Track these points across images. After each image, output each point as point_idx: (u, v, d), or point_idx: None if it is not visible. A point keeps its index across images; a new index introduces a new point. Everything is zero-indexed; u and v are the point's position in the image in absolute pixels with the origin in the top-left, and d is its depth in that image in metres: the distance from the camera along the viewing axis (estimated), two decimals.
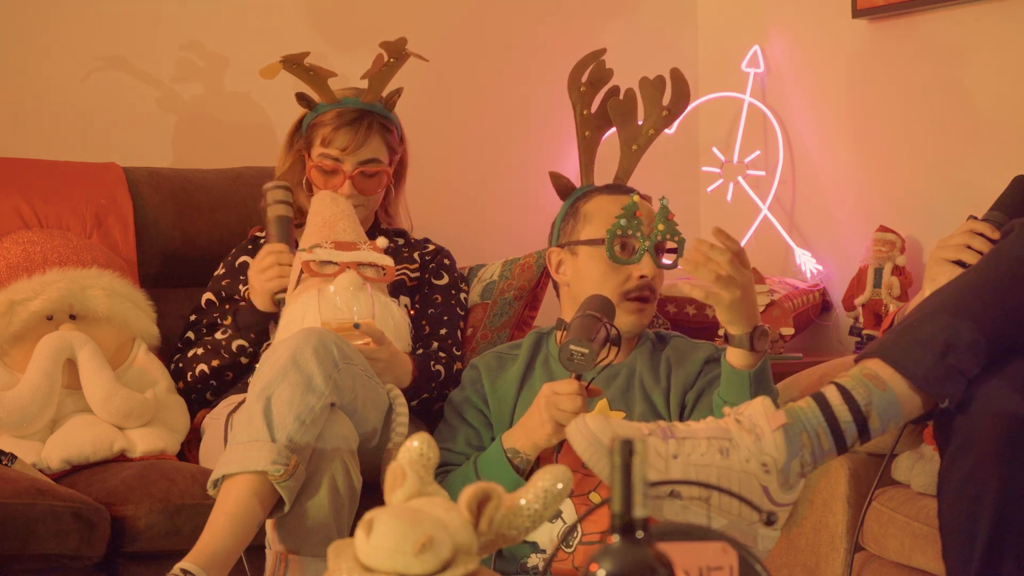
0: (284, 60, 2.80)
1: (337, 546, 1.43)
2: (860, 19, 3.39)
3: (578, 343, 2.19)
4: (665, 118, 2.68)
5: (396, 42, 2.80)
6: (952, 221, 2.48)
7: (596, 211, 2.51)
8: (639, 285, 2.45)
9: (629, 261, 2.44)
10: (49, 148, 3.11)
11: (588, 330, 2.21)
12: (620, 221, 2.43)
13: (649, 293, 2.46)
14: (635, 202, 2.45)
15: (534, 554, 2.35)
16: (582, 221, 2.52)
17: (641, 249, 2.44)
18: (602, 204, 2.52)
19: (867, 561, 2.48)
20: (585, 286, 2.47)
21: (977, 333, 2.01)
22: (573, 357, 2.19)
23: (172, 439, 2.68)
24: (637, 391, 2.44)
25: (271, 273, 2.65)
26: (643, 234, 2.44)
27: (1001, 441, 1.98)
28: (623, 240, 2.45)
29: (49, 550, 2.32)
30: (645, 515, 1.30)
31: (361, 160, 2.79)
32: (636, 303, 2.45)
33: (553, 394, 2.24)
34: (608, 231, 2.43)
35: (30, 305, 2.65)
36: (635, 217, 2.44)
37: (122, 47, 3.23)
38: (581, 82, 2.68)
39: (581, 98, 2.68)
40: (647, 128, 2.67)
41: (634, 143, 2.67)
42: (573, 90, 2.68)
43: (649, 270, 2.44)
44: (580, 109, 2.67)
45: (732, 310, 2.17)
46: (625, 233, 2.44)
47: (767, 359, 2.24)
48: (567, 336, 2.22)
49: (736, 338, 2.20)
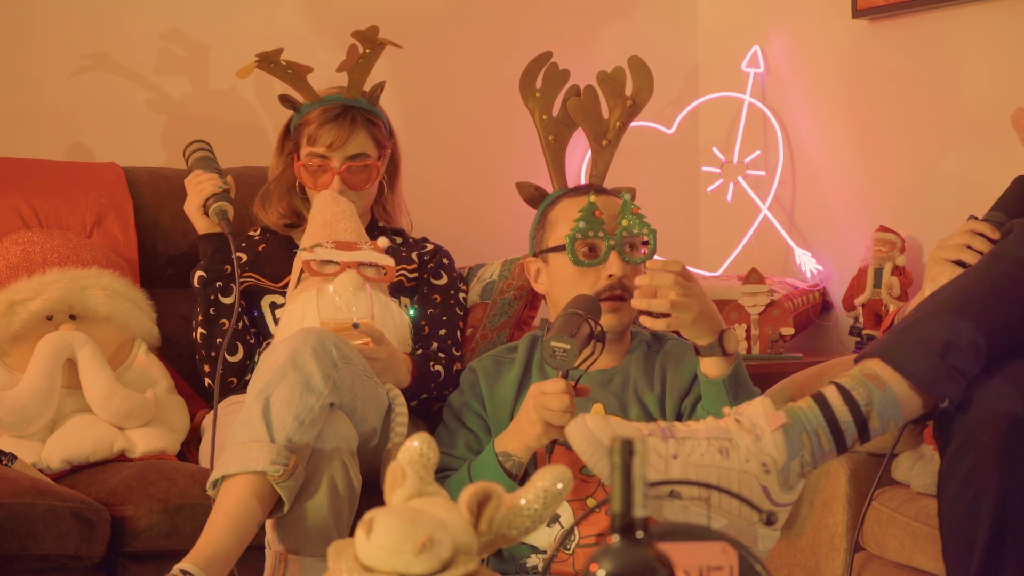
0: (259, 59, 2.80)
1: (337, 546, 1.43)
2: (860, 19, 3.39)
3: (559, 339, 2.18)
4: (631, 108, 2.62)
5: (368, 31, 2.79)
6: (952, 221, 2.48)
7: (559, 216, 2.48)
8: (610, 285, 2.41)
9: (595, 263, 2.41)
10: (41, 148, 3.11)
11: (569, 326, 2.21)
12: (578, 224, 2.40)
13: (622, 291, 2.42)
14: (592, 203, 2.41)
15: (533, 554, 2.35)
16: (548, 228, 2.50)
17: (606, 248, 2.41)
18: (565, 209, 2.48)
19: (867, 561, 2.48)
20: (560, 293, 2.45)
21: (977, 333, 2.00)
22: (555, 353, 2.18)
23: (172, 439, 2.68)
24: (631, 395, 2.43)
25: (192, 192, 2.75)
26: (606, 233, 2.41)
27: (1001, 441, 1.98)
28: (587, 243, 2.42)
29: (49, 550, 2.32)
30: (645, 515, 1.30)
31: (348, 155, 2.79)
32: (611, 302, 2.41)
33: (541, 394, 2.23)
34: (568, 236, 2.41)
35: (30, 305, 2.65)
36: (594, 218, 2.40)
37: (107, 43, 3.23)
38: (536, 88, 2.64)
39: (539, 104, 2.64)
40: (614, 121, 2.62)
41: (603, 138, 2.62)
42: (528, 97, 2.63)
43: (617, 268, 2.41)
44: (539, 115, 2.62)
45: (696, 326, 2.21)
46: (586, 235, 2.40)
47: (739, 363, 2.26)
48: (548, 333, 2.21)
49: (706, 348, 2.23)
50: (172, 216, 3.03)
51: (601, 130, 2.63)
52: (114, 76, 3.24)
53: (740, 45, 3.68)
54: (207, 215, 2.73)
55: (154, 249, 3.02)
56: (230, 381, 2.72)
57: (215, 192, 2.72)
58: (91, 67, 3.23)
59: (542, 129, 2.63)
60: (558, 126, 2.63)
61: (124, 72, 3.25)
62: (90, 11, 3.23)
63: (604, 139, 2.62)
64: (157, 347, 2.83)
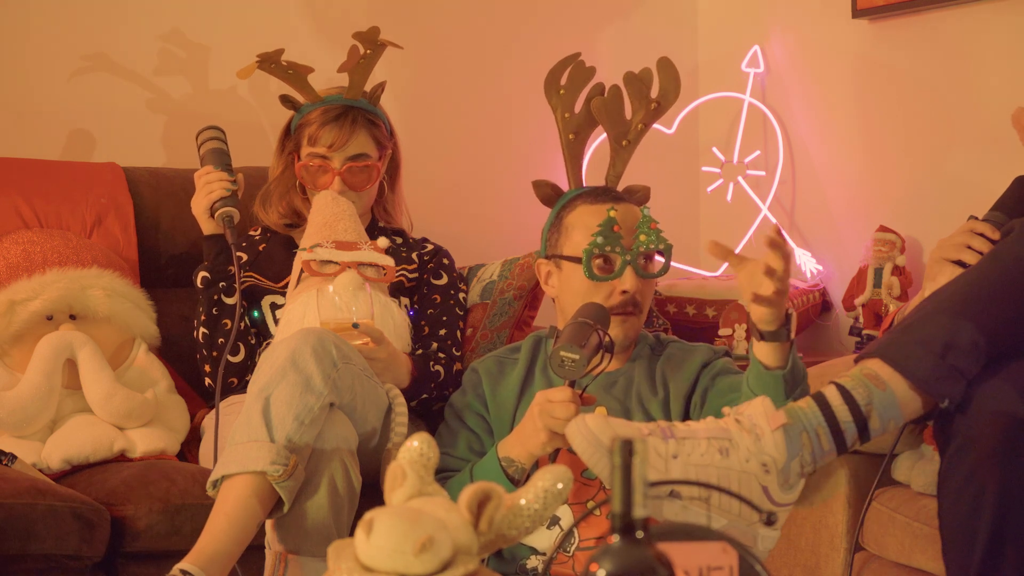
0: (260, 59, 2.80)
1: (337, 546, 1.43)
2: (860, 19, 3.39)
3: (568, 349, 2.17)
4: (655, 110, 2.62)
5: (368, 32, 2.79)
6: (952, 221, 2.48)
7: (576, 223, 2.46)
8: (622, 301, 2.41)
9: (609, 277, 2.40)
10: (41, 148, 3.11)
11: (579, 336, 2.20)
12: (596, 239, 2.39)
13: (632, 308, 2.41)
14: (611, 218, 2.40)
15: (533, 555, 2.35)
16: (564, 234, 2.48)
17: (622, 263, 2.40)
18: (583, 216, 2.46)
19: (867, 561, 2.48)
20: (570, 301, 2.44)
21: (977, 333, 2.01)
22: (564, 363, 2.18)
23: (172, 439, 2.68)
24: (635, 400, 2.43)
25: (201, 192, 2.73)
26: (623, 248, 2.40)
27: (1001, 441, 1.98)
28: (603, 256, 2.41)
29: (49, 550, 2.32)
30: (645, 515, 1.30)
31: (349, 156, 2.79)
32: (620, 316, 2.41)
33: (547, 402, 2.23)
34: (584, 251, 2.39)
35: (30, 305, 2.65)
36: (612, 232, 2.39)
37: (107, 43, 3.24)
38: (560, 85, 2.63)
39: (562, 101, 2.63)
40: (636, 122, 2.61)
41: (624, 139, 2.61)
42: (552, 94, 2.61)
43: (631, 284, 2.40)
44: (561, 112, 2.61)
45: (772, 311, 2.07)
46: (603, 251, 2.40)
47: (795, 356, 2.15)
48: (557, 343, 2.20)
49: (771, 333, 2.10)
50: (172, 216, 3.03)
51: (623, 131, 2.61)
52: (114, 76, 3.25)
53: (740, 45, 3.68)
54: (213, 217, 2.73)
55: (154, 249, 3.02)
56: (231, 381, 2.72)
57: (223, 196, 2.72)
58: (91, 67, 3.23)
59: (562, 126, 2.61)
60: (579, 124, 2.61)
61: (124, 72, 3.26)
62: (90, 11, 3.23)
63: (625, 139, 2.60)
64: (157, 347, 2.83)
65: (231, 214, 2.70)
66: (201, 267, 2.74)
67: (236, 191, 2.74)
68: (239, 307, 2.66)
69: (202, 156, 2.80)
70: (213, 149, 2.80)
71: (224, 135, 2.83)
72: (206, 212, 2.73)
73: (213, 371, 2.71)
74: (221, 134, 2.83)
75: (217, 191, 2.72)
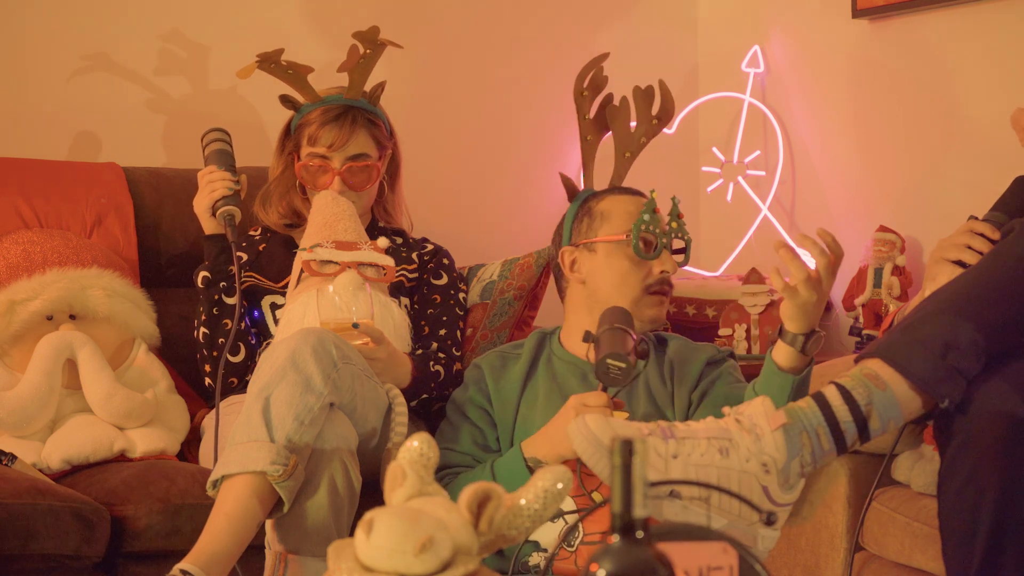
0: (260, 59, 2.80)
1: (337, 546, 1.43)
2: (860, 19, 3.39)
3: (616, 357, 2.21)
4: (654, 127, 2.73)
5: (368, 31, 2.79)
6: (952, 221, 2.48)
7: (614, 210, 2.55)
8: (660, 280, 2.50)
9: (651, 256, 2.50)
10: (41, 148, 3.11)
11: (621, 344, 2.23)
12: (644, 217, 2.49)
13: (668, 287, 2.53)
14: (653, 199, 2.52)
15: (535, 552, 2.35)
16: (599, 220, 2.55)
17: (660, 245, 2.50)
18: (619, 203, 2.56)
19: (867, 561, 2.48)
20: (604, 283, 2.51)
21: (977, 333, 2.01)
22: (610, 371, 2.21)
23: (172, 439, 2.68)
24: (642, 393, 2.45)
25: (204, 191, 2.74)
26: (661, 231, 2.51)
27: (1001, 441, 1.98)
28: (646, 237, 2.50)
29: (49, 550, 2.32)
30: (645, 515, 1.30)
31: (349, 156, 2.79)
32: (657, 296, 2.51)
33: (582, 406, 2.25)
34: (634, 226, 2.49)
35: (30, 305, 2.65)
36: (655, 214, 2.51)
37: (107, 43, 3.23)
38: (583, 87, 2.70)
39: (583, 103, 2.70)
40: (639, 136, 2.71)
41: (627, 150, 2.72)
42: (577, 95, 2.71)
43: (670, 266, 2.51)
44: (582, 114, 2.70)
45: (802, 309, 2.15)
46: (648, 230, 2.49)
47: (811, 368, 2.22)
48: (600, 350, 2.23)
49: (790, 335, 2.17)
50: (172, 216, 3.03)
51: (627, 142, 2.71)
52: (114, 76, 3.25)
53: (740, 45, 3.68)
54: (215, 217, 2.74)
55: (154, 249, 3.03)
56: (231, 381, 2.72)
57: (225, 195, 2.73)
58: (91, 67, 3.23)
59: (582, 128, 2.71)
60: (593, 128, 2.70)
61: (124, 72, 3.26)
62: (90, 11, 3.23)
63: (627, 151, 2.72)
64: (157, 347, 2.83)
65: (232, 213, 2.71)
66: (202, 267, 2.75)
67: (238, 191, 2.76)
68: (239, 307, 2.66)
69: (206, 157, 2.82)
70: (217, 150, 2.81)
71: (229, 137, 2.85)
72: (208, 211, 2.74)
73: (213, 371, 2.71)
74: (226, 136, 2.85)
75: (219, 190, 2.73)
